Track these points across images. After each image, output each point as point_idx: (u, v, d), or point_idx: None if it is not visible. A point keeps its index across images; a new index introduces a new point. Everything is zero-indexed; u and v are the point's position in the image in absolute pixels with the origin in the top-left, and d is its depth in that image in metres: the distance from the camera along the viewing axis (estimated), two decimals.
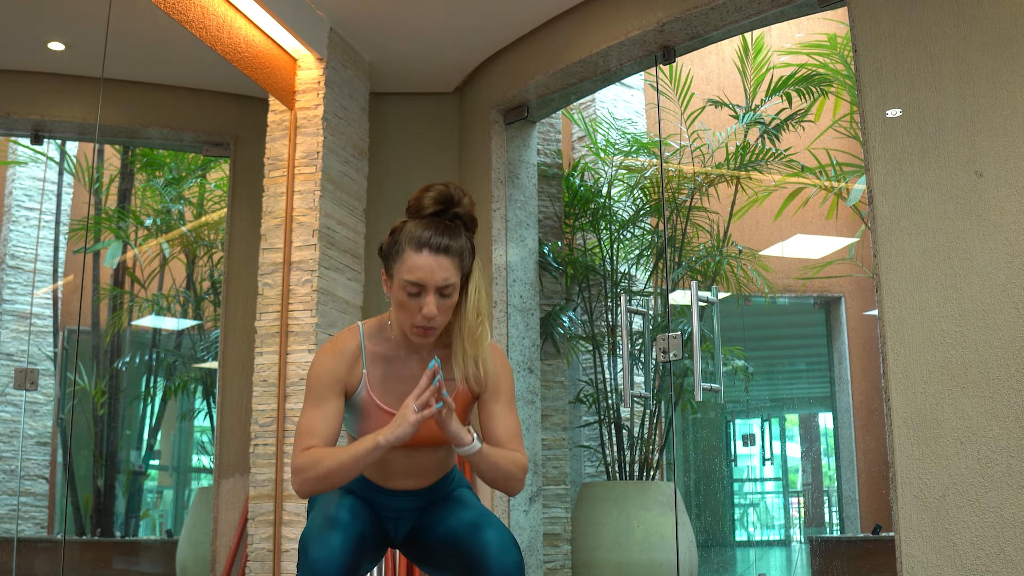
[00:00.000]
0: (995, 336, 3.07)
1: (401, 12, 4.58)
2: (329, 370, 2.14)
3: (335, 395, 2.13)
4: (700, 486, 6.57)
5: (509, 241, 4.92)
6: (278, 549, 4.25)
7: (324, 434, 2.09)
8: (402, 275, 2.05)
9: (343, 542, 2.04)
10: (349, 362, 2.16)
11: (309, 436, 2.08)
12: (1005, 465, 3.00)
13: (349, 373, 2.15)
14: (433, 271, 2.03)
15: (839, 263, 6.04)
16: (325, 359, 2.16)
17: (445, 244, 2.04)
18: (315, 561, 2.00)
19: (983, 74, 3.20)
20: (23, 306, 5.41)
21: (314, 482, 2.04)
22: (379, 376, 2.17)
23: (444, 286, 2.05)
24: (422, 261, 2.03)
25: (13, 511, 5.14)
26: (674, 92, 5.25)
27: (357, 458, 2.02)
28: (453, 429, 2.02)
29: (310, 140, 4.53)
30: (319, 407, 2.11)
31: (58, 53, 4.78)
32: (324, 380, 2.13)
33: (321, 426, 2.09)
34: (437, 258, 2.04)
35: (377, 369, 2.17)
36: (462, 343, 2.14)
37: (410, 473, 2.23)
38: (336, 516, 2.10)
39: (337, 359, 2.15)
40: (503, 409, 2.18)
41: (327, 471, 2.03)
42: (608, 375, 5.38)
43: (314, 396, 2.13)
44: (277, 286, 4.48)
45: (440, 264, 2.04)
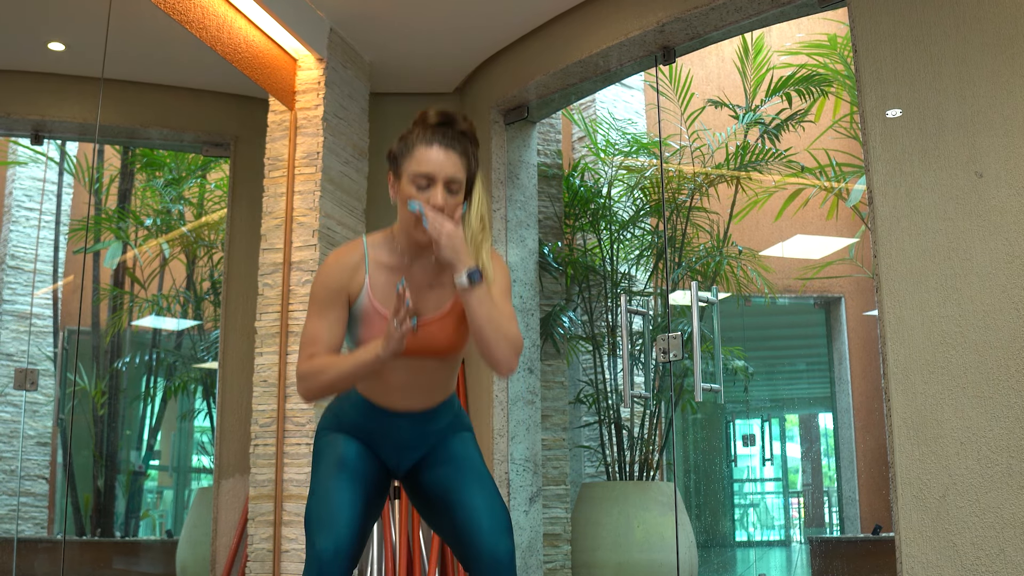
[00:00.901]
0: (995, 336, 3.07)
1: (401, 12, 4.58)
2: (332, 278, 2.20)
3: (338, 304, 2.19)
4: (700, 486, 6.57)
5: (509, 241, 4.92)
6: (278, 549, 4.25)
7: (328, 342, 2.16)
8: (412, 168, 2.14)
9: (349, 520, 2.09)
10: (352, 270, 2.21)
11: (313, 344, 2.16)
12: (1005, 465, 3.00)
13: (351, 280, 2.20)
14: (442, 163, 2.13)
15: (839, 263, 6.04)
16: (328, 268, 2.21)
17: (453, 140, 2.15)
18: (323, 552, 2.04)
19: (983, 74, 3.20)
20: (23, 306, 5.41)
21: (320, 389, 2.13)
22: (381, 283, 2.21)
23: (451, 181, 2.13)
24: (432, 154, 2.13)
25: (13, 511, 5.14)
26: (674, 92, 5.25)
27: (358, 367, 2.09)
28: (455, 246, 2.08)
29: (310, 140, 4.53)
30: (322, 316, 2.18)
31: (58, 53, 4.78)
32: (327, 288, 2.19)
33: (325, 334, 2.16)
34: (446, 152, 2.14)
35: (380, 276, 2.21)
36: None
37: (412, 389, 2.24)
38: (339, 483, 2.14)
39: (340, 268, 2.21)
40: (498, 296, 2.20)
41: (332, 380, 2.11)
42: (608, 375, 5.38)
43: (317, 304, 2.19)
44: (277, 286, 4.48)
45: (449, 158, 2.14)
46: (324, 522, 2.08)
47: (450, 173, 2.13)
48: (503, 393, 4.75)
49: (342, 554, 2.05)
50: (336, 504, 2.10)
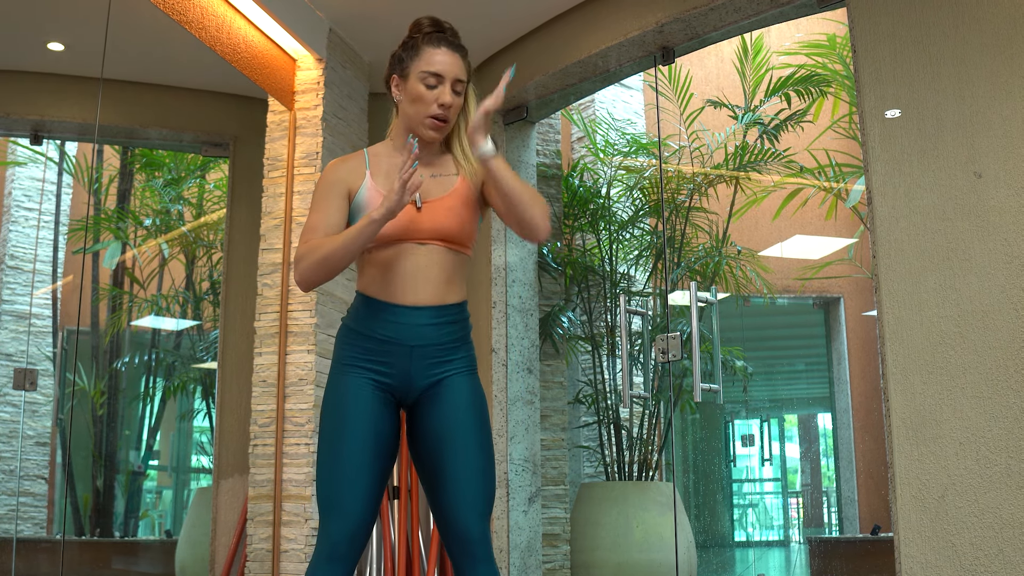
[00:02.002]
0: (994, 337, 3.08)
1: (400, 12, 4.57)
2: (333, 173, 2.30)
3: (338, 197, 2.26)
4: (699, 487, 6.57)
5: (508, 241, 4.92)
6: (277, 549, 4.25)
7: (325, 229, 2.22)
8: (421, 67, 2.27)
9: (361, 498, 2.13)
10: (351, 164, 2.32)
11: (311, 232, 2.22)
12: (1004, 465, 3.01)
13: (352, 174, 2.29)
14: (451, 64, 2.28)
15: (838, 263, 6.04)
16: (330, 167, 2.32)
17: (458, 43, 2.33)
18: (337, 538, 2.10)
19: (982, 75, 3.20)
20: (22, 306, 5.41)
21: (316, 265, 2.17)
22: (382, 172, 2.30)
23: (457, 81, 2.28)
24: (441, 55, 2.28)
25: (12, 511, 5.14)
26: (673, 93, 5.25)
27: (353, 235, 2.14)
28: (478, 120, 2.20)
29: (309, 140, 4.54)
30: (322, 209, 2.25)
31: (57, 53, 4.78)
32: (328, 182, 2.28)
33: (323, 222, 2.23)
34: (453, 54, 2.30)
35: (380, 167, 2.31)
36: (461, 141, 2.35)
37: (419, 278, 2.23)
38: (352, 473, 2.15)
39: (341, 164, 2.32)
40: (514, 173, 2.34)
41: (327, 252, 2.15)
42: (607, 376, 5.39)
43: (318, 199, 2.27)
44: (276, 286, 4.48)
45: (455, 59, 2.29)
46: (338, 506, 2.11)
47: (456, 73, 2.28)
48: (502, 393, 4.75)
49: (357, 538, 2.11)
50: (350, 479, 2.13)
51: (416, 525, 4.59)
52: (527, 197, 2.25)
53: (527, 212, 2.25)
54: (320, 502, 2.14)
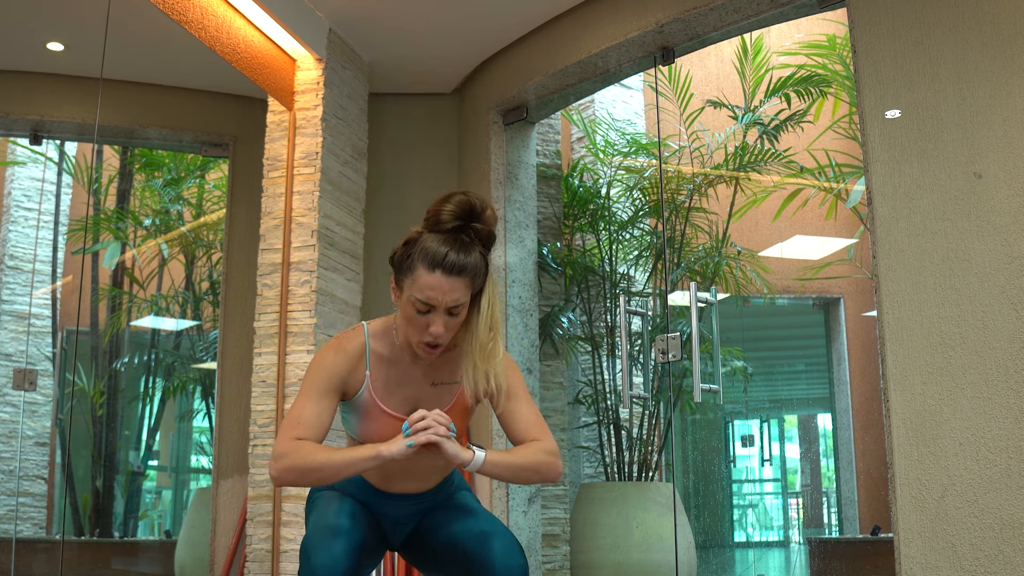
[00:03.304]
0: (994, 337, 3.07)
1: (400, 13, 4.58)
2: (331, 366, 2.11)
3: (333, 392, 2.11)
4: (699, 487, 6.56)
5: (508, 242, 4.92)
6: (276, 550, 4.24)
7: (315, 428, 2.06)
8: (413, 292, 2.02)
9: (345, 549, 2.02)
10: (353, 361, 2.13)
11: (299, 426, 2.05)
12: (1004, 466, 3.00)
13: (352, 373, 2.13)
14: (444, 292, 2.00)
15: (838, 264, 6.04)
16: (329, 355, 2.12)
17: (459, 265, 2.00)
18: (319, 568, 1.97)
19: (982, 75, 3.20)
20: (22, 306, 5.41)
21: (300, 473, 2.00)
22: (382, 378, 2.15)
23: (454, 306, 2.03)
24: (434, 281, 2.00)
25: (12, 511, 5.14)
26: (673, 93, 5.25)
27: (353, 461, 2.00)
28: (451, 452, 2.00)
29: (309, 141, 4.53)
30: (315, 401, 2.08)
31: (57, 53, 4.78)
32: (325, 375, 2.10)
33: (313, 420, 2.06)
34: (449, 279, 2.00)
35: (380, 371, 2.15)
36: (473, 357, 2.10)
37: (410, 476, 2.22)
38: (337, 523, 2.08)
39: (341, 357, 2.12)
40: (518, 405, 2.16)
41: (317, 464, 1.99)
42: (607, 376, 5.38)
43: (311, 388, 2.09)
44: (276, 287, 4.48)
45: (452, 285, 2.00)
46: (320, 547, 2.02)
47: (452, 301, 2.01)
48: None
49: (338, 570, 1.98)
50: (333, 536, 2.04)
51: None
52: (529, 473, 2.11)
53: (533, 482, 2.17)
54: (303, 552, 2.03)
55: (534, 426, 2.16)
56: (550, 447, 2.13)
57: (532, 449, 2.11)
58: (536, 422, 2.16)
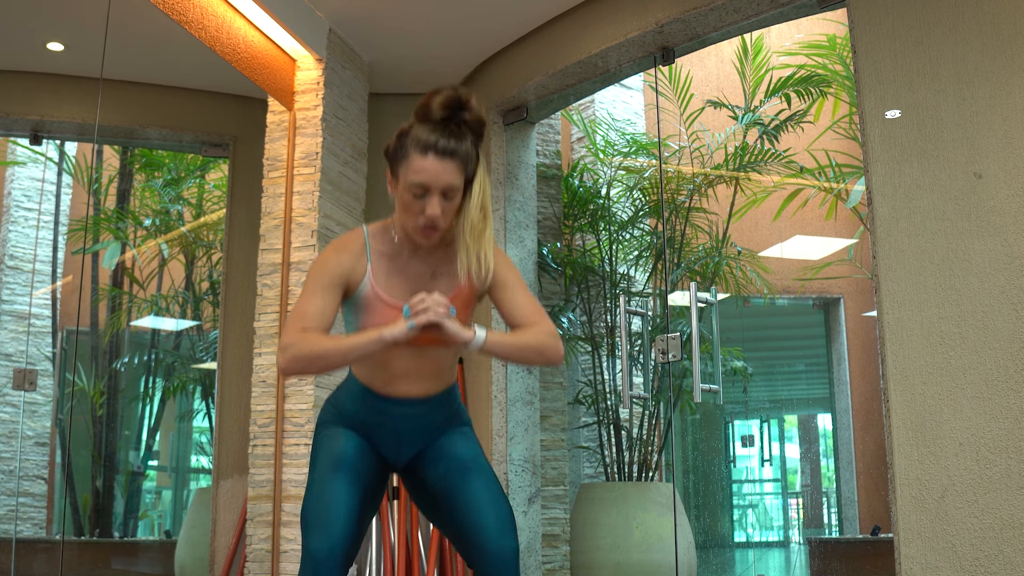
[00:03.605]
0: (994, 337, 3.07)
1: (400, 13, 4.58)
2: (333, 262, 2.19)
3: (336, 287, 2.17)
4: (699, 487, 6.57)
5: (508, 242, 4.92)
6: (276, 550, 4.24)
7: (319, 320, 2.12)
8: (408, 177, 2.11)
9: (345, 517, 2.08)
10: (354, 257, 2.20)
11: (304, 319, 2.12)
12: (1004, 466, 3.00)
13: (353, 268, 2.19)
14: (438, 174, 2.08)
15: (838, 264, 6.04)
16: (330, 253, 2.21)
17: (451, 148, 2.09)
18: (318, 552, 2.04)
19: (982, 75, 3.20)
20: (22, 306, 5.41)
21: (308, 361, 2.07)
22: (383, 271, 2.21)
23: (447, 188, 2.10)
24: (427, 164, 2.08)
25: (12, 511, 5.14)
26: (673, 93, 5.25)
27: (357, 345, 2.07)
28: (452, 331, 2.06)
29: (309, 141, 4.53)
30: (318, 296, 2.15)
31: (57, 53, 4.78)
32: (327, 272, 2.18)
33: (317, 313, 2.13)
34: (442, 162, 2.08)
35: (381, 265, 2.22)
36: (465, 240, 2.18)
37: (413, 374, 2.23)
38: (336, 483, 2.12)
39: (343, 253, 2.20)
40: (514, 293, 2.23)
41: (323, 351, 2.07)
42: (607, 376, 5.38)
43: (314, 284, 2.17)
44: (276, 287, 4.48)
45: (445, 168, 2.09)
46: (319, 521, 2.07)
47: (446, 183, 2.09)
48: (502, 394, 4.75)
49: (336, 553, 2.04)
50: (332, 502, 2.09)
51: (416, 525, 4.59)
52: (532, 353, 2.17)
53: (536, 363, 2.21)
54: (303, 521, 2.11)
55: (533, 312, 2.21)
56: (550, 329, 2.19)
57: (533, 331, 2.18)
58: (534, 308, 2.23)
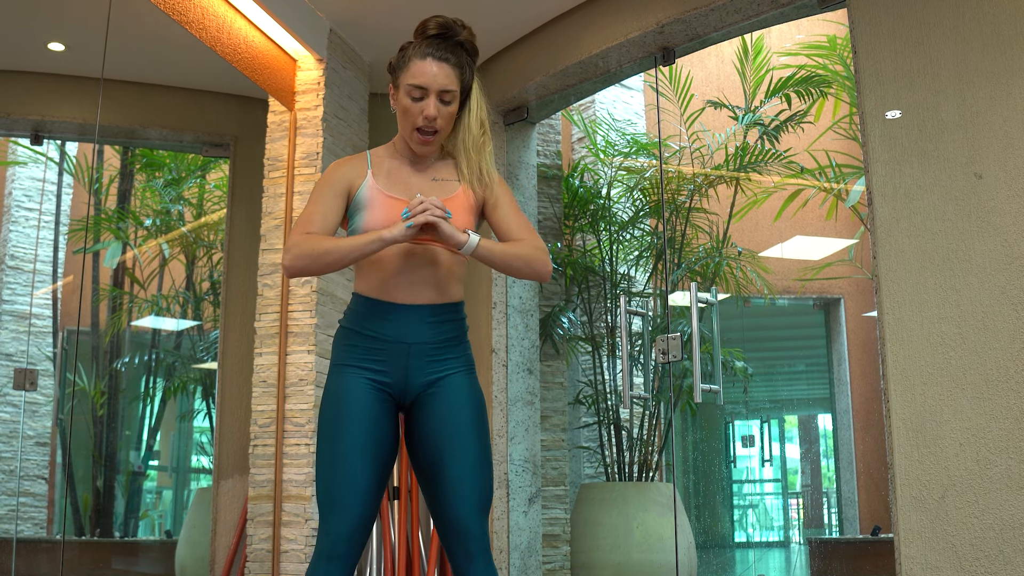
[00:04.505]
0: (994, 337, 3.07)
1: (400, 13, 4.58)
2: (335, 172, 2.32)
3: (339, 194, 2.29)
4: (699, 487, 6.57)
5: None
6: (277, 550, 4.24)
7: (322, 225, 2.25)
8: (407, 80, 2.27)
9: (363, 497, 2.14)
10: (355, 165, 2.34)
11: (308, 223, 2.25)
12: (1004, 467, 3.01)
13: (354, 173, 2.32)
14: (435, 75, 2.25)
15: (838, 264, 6.04)
16: (333, 164, 2.36)
17: (447, 55, 2.27)
18: (337, 535, 2.11)
19: (982, 75, 3.20)
20: (23, 306, 5.41)
21: (311, 258, 2.19)
22: (384, 172, 2.33)
23: (444, 91, 2.26)
24: (426, 67, 2.25)
25: (12, 511, 5.14)
26: (674, 93, 5.25)
27: (358, 245, 2.18)
28: (447, 232, 2.18)
29: (310, 141, 4.54)
30: (322, 203, 2.28)
31: (58, 54, 4.78)
32: (329, 180, 2.31)
33: (320, 219, 2.25)
34: (439, 64, 2.26)
35: (382, 167, 2.34)
36: (466, 151, 2.33)
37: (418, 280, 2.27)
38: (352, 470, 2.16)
39: (344, 164, 2.34)
40: (507, 212, 2.35)
41: (325, 249, 2.18)
42: (607, 376, 5.38)
43: (318, 195, 2.29)
44: (277, 287, 4.48)
45: (442, 70, 2.25)
46: (338, 501, 2.12)
47: (442, 84, 2.25)
48: (502, 394, 4.75)
49: (356, 536, 2.12)
50: (349, 476, 2.14)
51: (416, 525, 4.59)
52: (520, 263, 2.29)
53: (525, 275, 2.32)
54: (320, 500, 2.15)
55: (524, 228, 2.35)
56: (539, 244, 2.33)
57: (523, 244, 2.31)
58: (525, 225, 2.35)
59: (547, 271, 2.31)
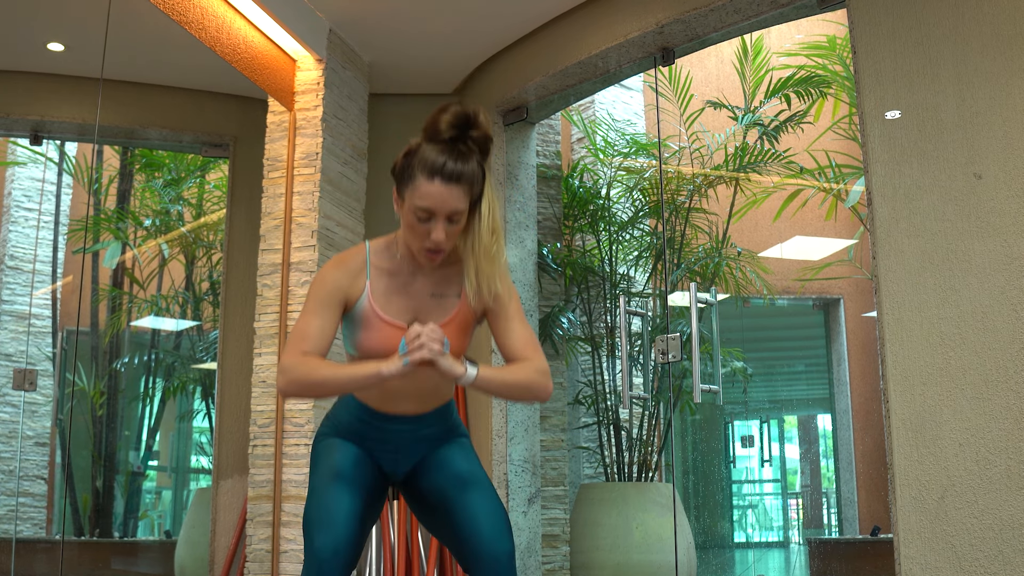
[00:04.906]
0: (993, 338, 3.07)
1: (400, 13, 4.58)
2: (332, 279, 2.18)
3: (335, 305, 2.17)
4: (699, 487, 6.57)
5: (508, 242, 4.92)
6: (276, 550, 4.24)
7: (318, 342, 2.13)
8: (413, 201, 2.08)
9: (347, 517, 2.08)
10: (353, 273, 2.19)
11: (304, 340, 2.12)
12: (1004, 467, 3.01)
13: (352, 284, 2.19)
14: (444, 199, 2.06)
15: (838, 264, 6.04)
16: (329, 269, 2.20)
17: (457, 172, 2.06)
18: (322, 550, 2.04)
19: (982, 76, 3.20)
20: (22, 307, 5.41)
21: (303, 386, 2.09)
22: (382, 288, 2.20)
23: (453, 213, 2.09)
24: (433, 190, 2.06)
25: (12, 512, 5.14)
26: (673, 94, 5.25)
27: (354, 378, 2.09)
28: (445, 368, 2.06)
29: (309, 141, 4.53)
30: (318, 315, 2.15)
31: (57, 54, 4.78)
32: (326, 288, 2.17)
33: (316, 333, 2.13)
34: (448, 187, 2.06)
35: (381, 281, 2.20)
36: (476, 261, 2.16)
37: (409, 397, 2.24)
38: (338, 486, 2.13)
39: (341, 270, 2.19)
40: (512, 323, 2.22)
41: (321, 379, 2.08)
42: (607, 376, 5.38)
43: (314, 303, 2.16)
44: (276, 287, 4.48)
45: (451, 192, 2.06)
46: (322, 522, 2.07)
47: (452, 208, 2.07)
48: None
49: (340, 553, 2.04)
50: (334, 506, 2.10)
51: (416, 526, 4.59)
52: (520, 392, 2.18)
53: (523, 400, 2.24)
54: (305, 524, 2.10)
55: (528, 344, 2.21)
56: (541, 366, 2.19)
57: (524, 367, 2.17)
58: (530, 341, 2.22)
59: (547, 395, 2.19)
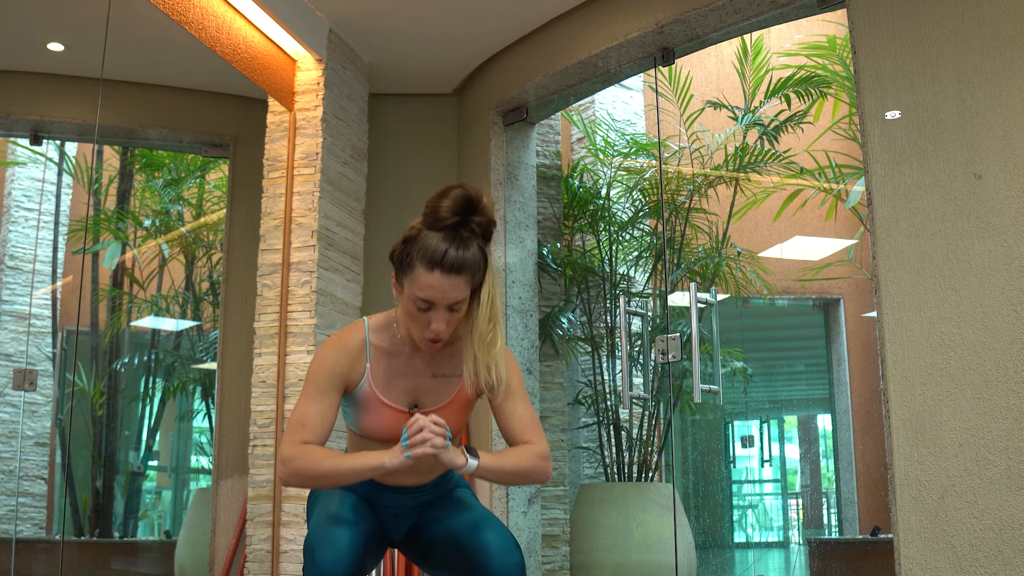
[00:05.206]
0: (994, 338, 3.07)
1: (400, 13, 4.58)
2: (332, 363, 2.13)
3: (334, 390, 2.13)
4: (699, 488, 6.57)
5: (508, 243, 4.92)
6: (276, 550, 4.24)
7: (318, 429, 2.09)
8: (413, 291, 2.04)
9: (350, 542, 2.04)
10: (353, 355, 2.15)
11: (304, 429, 2.08)
12: (1004, 467, 3.00)
13: (352, 367, 2.15)
14: (444, 291, 2.01)
15: (838, 265, 6.04)
16: (328, 352, 2.15)
17: (459, 263, 2.00)
18: (323, 563, 1.99)
19: (982, 76, 3.20)
20: (22, 307, 5.41)
21: (306, 478, 2.05)
22: (383, 370, 2.17)
23: (454, 303, 2.04)
24: (433, 281, 2.00)
25: (11, 512, 5.14)
26: (673, 94, 5.25)
27: (356, 471, 2.04)
28: (446, 460, 2.03)
29: (309, 141, 4.54)
30: (317, 400, 2.11)
31: (57, 54, 4.78)
32: (325, 373, 2.13)
33: (317, 420, 2.09)
34: (449, 278, 2.00)
35: (381, 364, 2.17)
36: (473, 349, 2.12)
37: (410, 472, 2.21)
38: (340, 515, 2.10)
39: (340, 352, 2.15)
40: (515, 404, 2.19)
41: (323, 472, 2.04)
42: (607, 376, 5.38)
43: (313, 388, 2.12)
44: (276, 287, 4.48)
45: (451, 283, 2.01)
46: (324, 541, 2.04)
47: (452, 299, 2.03)
48: None
49: (342, 564, 2.00)
50: (336, 530, 2.07)
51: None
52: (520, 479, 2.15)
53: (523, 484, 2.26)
54: (306, 551, 2.05)
55: (529, 427, 2.19)
56: (542, 451, 2.16)
57: (525, 453, 2.15)
58: (531, 423, 2.19)
59: (547, 479, 2.17)
